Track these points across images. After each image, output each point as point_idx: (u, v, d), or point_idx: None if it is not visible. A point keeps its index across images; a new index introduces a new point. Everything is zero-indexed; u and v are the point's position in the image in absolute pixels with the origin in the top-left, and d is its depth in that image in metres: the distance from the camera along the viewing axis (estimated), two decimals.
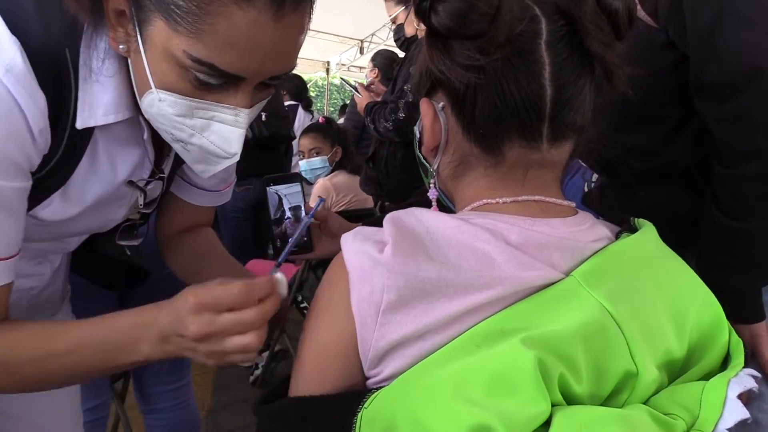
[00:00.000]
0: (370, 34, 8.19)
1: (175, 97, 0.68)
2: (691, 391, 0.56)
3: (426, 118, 0.65)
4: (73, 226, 0.85)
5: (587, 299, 0.55)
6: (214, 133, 0.71)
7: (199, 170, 0.78)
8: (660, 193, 1.08)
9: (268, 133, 3.10)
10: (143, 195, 0.89)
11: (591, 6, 0.58)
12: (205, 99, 0.68)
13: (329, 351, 0.60)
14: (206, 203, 1.05)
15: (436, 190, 0.70)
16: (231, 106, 0.69)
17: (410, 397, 0.51)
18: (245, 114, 0.70)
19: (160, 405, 1.60)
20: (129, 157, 0.82)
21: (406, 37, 2.58)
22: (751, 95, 0.89)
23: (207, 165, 0.77)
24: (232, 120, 0.70)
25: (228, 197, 1.09)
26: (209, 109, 0.69)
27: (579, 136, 0.64)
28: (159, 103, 0.69)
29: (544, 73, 0.58)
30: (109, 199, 0.84)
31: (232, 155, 0.74)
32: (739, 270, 0.97)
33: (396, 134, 2.41)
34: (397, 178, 2.52)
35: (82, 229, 0.90)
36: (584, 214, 0.66)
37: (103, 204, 0.84)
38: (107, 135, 0.78)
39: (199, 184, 1.02)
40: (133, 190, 0.88)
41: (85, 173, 0.78)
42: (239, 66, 0.65)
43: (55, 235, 0.87)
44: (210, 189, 1.03)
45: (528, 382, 0.48)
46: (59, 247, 0.96)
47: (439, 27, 0.59)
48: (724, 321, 0.62)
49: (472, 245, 0.56)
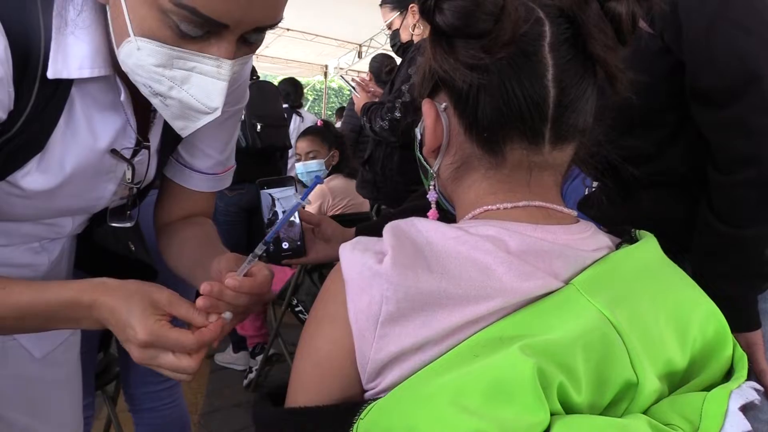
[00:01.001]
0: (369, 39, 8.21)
1: (154, 45, 0.65)
2: (692, 401, 0.55)
3: (428, 118, 0.65)
4: (59, 201, 0.82)
5: (587, 307, 0.54)
6: (194, 86, 0.68)
7: (179, 127, 0.75)
8: (656, 199, 1.08)
9: (262, 145, 3.08)
10: (131, 168, 0.86)
11: (595, 10, 0.58)
12: (186, 48, 0.65)
13: (327, 362, 0.59)
14: (203, 188, 1.02)
15: (435, 192, 0.70)
16: (213, 56, 0.66)
17: (407, 407, 0.50)
18: (228, 65, 0.67)
19: (146, 405, 1.60)
20: (109, 122, 0.79)
21: (401, 43, 2.59)
22: (747, 101, 0.89)
23: (186, 121, 0.74)
24: (214, 72, 0.67)
25: (226, 183, 1.05)
26: (190, 59, 0.66)
27: (581, 139, 0.64)
28: (137, 53, 0.66)
29: (547, 74, 0.59)
30: (93, 170, 0.81)
31: (213, 110, 0.71)
32: (735, 278, 0.97)
33: (391, 134, 2.41)
34: (393, 181, 2.52)
35: (70, 206, 0.87)
36: (585, 223, 0.66)
37: (88, 176, 0.81)
38: (85, 97, 0.75)
39: (196, 166, 0.99)
40: (119, 163, 0.84)
41: (63, 137, 0.75)
42: (222, 10, 0.62)
43: (42, 211, 0.84)
44: (206, 172, 1.00)
45: (526, 390, 0.48)
46: (53, 231, 0.93)
47: (443, 26, 0.58)
48: (728, 334, 0.61)
49: (472, 256, 0.55)
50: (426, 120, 0.65)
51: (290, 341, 2.90)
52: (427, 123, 0.65)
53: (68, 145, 0.76)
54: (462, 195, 0.66)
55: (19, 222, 0.83)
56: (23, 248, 0.91)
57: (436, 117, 0.65)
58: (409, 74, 2.36)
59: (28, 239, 0.92)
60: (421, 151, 0.69)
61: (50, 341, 1.03)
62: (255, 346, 3.01)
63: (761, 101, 0.88)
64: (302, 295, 2.68)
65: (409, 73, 2.36)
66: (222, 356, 3.19)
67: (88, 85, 0.74)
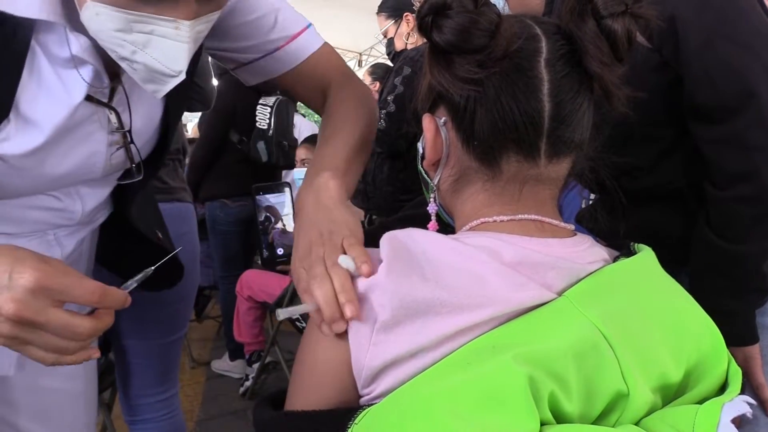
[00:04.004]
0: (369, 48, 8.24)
1: (110, 10, 0.63)
2: (684, 414, 0.56)
3: (428, 132, 0.67)
4: (51, 165, 0.78)
5: (579, 318, 0.55)
6: (156, 49, 0.66)
7: (151, 90, 0.72)
8: (652, 213, 1.08)
9: (284, 163, 3.08)
10: (113, 112, 0.81)
11: (591, 27, 0.60)
12: (143, 11, 0.63)
13: (324, 369, 0.60)
14: (291, 62, 0.94)
15: (436, 204, 0.71)
16: (170, 18, 0.64)
17: (401, 413, 0.51)
18: (186, 26, 0.65)
19: (145, 416, 1.57)
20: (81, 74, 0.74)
21: (396, 51, 2.61)
22: (743, 118, 0.89)
23: (156, 85, 0.71)
24: (173, 33, 0.65)
25: (312, 38, 0.95)
26: (148, 22, 0.64)
27: (578, 153, 0.65)
28: (96, 18, 0.64)
29: (542, 88, 0.60)
30: (74, 123, 0.77)
31: (178, 72, 0.68)
32: (732, 293, 0.97)
33: (376, 144, 2.41)
34: (383, 191, 2.52)
35: (67, 169, 0.81)
36: (582, 236, 0.67)
37: (71, 131, 0.78)
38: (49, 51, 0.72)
39: (249, 58, 0.93)
40: (99, 108, 0.79)
41: (32, 94, 0.72)
42: None
43: (38, 181, 0.80)
44: (269, 52, 0.92)
45: (518, 399, 0.48)
46: (64, 217, 0.89)
47: (441, 42, 0.60)
48: (723, 349, 0.62)
49: (467, 266, 0.57)
50: (426, 134, 0.67)
51: (287, 349, 2.89)
52: (428, 137, 0.67)
53: (41, 103, 0.73)
54: (460, 207, 0.68)
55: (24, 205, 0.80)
56: (36, 240, 0.88)
57: (435, 131, 0.66)
58: (395, 84, 2.36)
59: (38, 227, 0.88)
60: (422, 164, 0.70)
61: None
62: (252, 353, 3.00)
63: (757, 117, 0.89)
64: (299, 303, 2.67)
65: (395, 83, 2.37)
66: (218, 363, 3.18)
67: (47, 37, 0.71)
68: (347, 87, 0.96)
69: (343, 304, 0.57)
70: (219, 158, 2.96)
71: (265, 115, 2.95)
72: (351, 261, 0.59)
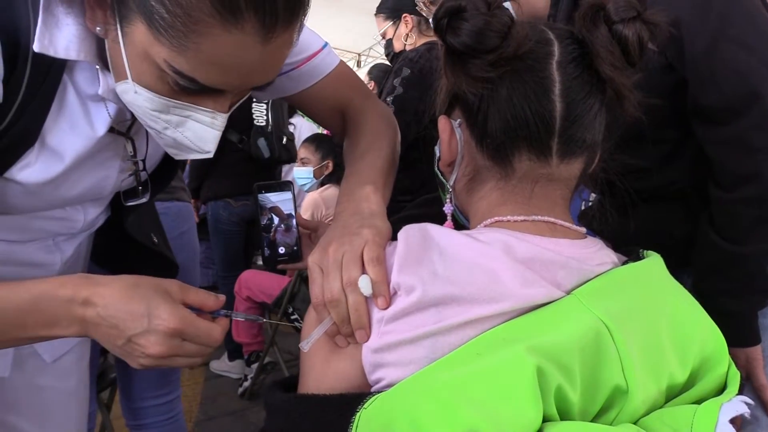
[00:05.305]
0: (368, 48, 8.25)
1: (151, 95, 0.65)
2: (682, 413, 0.56)
3: (443, 133, 0.69)
4: (66, 189, 0.80)
5: (586, 314, 0.56)
6: (189, 130, 0.69)
7: (171, 153, 0.75)
8: (656, 214, 1.08)
9: (286, 158, 3.09)
10: (130, 142, 0.84)
11: (603, 32, 0.62)
12: (182, 100, 0.66)
13: (335, 357, 0.62)
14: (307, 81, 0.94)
15: (451, 205, 0.73)
16: (209, 110, 0.67)
17: (410, 399, 0.52)
18: (222, 117, 0.69)
19: (148, 420, 1.56)
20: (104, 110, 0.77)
21: (395, 52, 2.60)
22: (748, 119, 0.89)
23: (179, 151, 0.74)
24: (209, 121, 0.68)
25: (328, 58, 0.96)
26: (186, 108, 0.67)
27: (590, 154, 0.66)
28: (135, 95, 0.66)
29: (554, 89, 0.62)
30: (94, 151, 0.79)
31: (206, 152, 0.72)
32: (736, 294, 0.97)
33: None
34: None
35: (78, 191, 0.84)
36: (593, 239, 0.68)
37: (88, 160, 0.80)
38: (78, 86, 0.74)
39: None
40: (117, 137, 0.82)
41: (58, 125, 0.74)
42: (222, 82, 0.63)
43: (50, 201, 0.83)
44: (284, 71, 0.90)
45: (525, 390, 0.49)
46: (66, 226, 0.91)
47: (456, 44, 0.61)
48: (725, 352, 0.63)
49: (479, 261, 0.58)
50: (442, 135, 0.69)
51: (286, 349, 2.89)
52: (443, 138, 0.69)
53: (65, 134, 0.75)
54: (474, 206, 0.69)
55: (29, 216, 0.81)
56: (36, 246, 0.90)
57: (450, 132, 0.68)
58: (395, 85, 2.35)
59: (40, 235, 0.90)
60: (438, 166, 0.72)
61: (60, 344, 1.01)
62: (251, 354, 3.00)
63: (761, 119, 0.89)
64: (298, 303, 2.67)
65: (395, 84, 2.36)
66: (217, 364, 3.18)
67: (78, 74, 0.73)
68: (370, 106, 0.98)
69: (355, 329, 0.60)
70: (220, 158, 2.96)
71: (262, 112, 2.96)
72: (369, 285, 0.60)
